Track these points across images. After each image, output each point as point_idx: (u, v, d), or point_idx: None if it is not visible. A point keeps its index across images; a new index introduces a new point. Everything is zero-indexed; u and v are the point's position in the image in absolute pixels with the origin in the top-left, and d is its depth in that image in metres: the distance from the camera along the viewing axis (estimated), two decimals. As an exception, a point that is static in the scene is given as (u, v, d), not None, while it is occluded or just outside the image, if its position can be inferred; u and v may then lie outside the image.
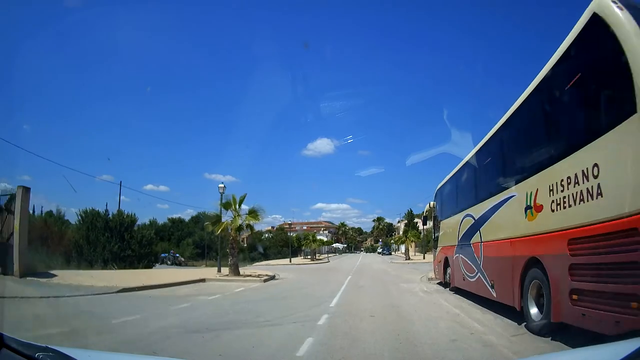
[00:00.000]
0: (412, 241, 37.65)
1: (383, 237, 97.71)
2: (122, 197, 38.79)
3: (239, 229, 17.71)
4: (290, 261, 36.32)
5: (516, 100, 6.34)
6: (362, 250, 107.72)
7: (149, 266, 24.02)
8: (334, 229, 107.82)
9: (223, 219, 17.71)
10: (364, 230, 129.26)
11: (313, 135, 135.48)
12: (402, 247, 63.44)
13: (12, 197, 12.93)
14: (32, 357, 1.39)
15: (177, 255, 40.37)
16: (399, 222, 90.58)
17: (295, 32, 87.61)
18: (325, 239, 70.66)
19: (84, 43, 63.45)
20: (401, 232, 69.93)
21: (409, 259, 34.67)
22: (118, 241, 22.47)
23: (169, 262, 36.26)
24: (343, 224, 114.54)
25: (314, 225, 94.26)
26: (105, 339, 5.16)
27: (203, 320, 6.78)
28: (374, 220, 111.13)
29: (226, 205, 17.76)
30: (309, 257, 44.10)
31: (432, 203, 14.60)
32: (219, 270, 18.91)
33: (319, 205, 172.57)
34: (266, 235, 66.06)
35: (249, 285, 14.66)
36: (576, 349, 3.02)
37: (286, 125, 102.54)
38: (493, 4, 74.03)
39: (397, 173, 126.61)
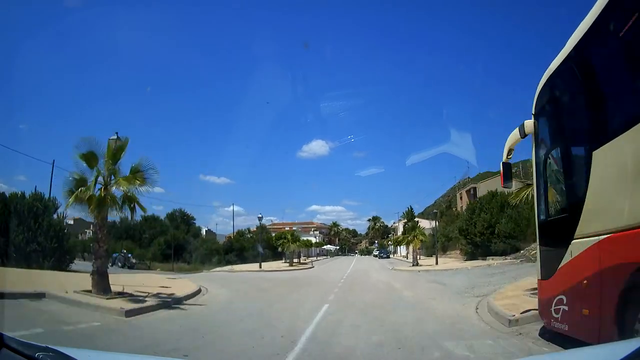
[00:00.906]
0: (419, 241, 28.58)
1: (379, 239, 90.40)
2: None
3: (109, 201, 9.00)
4: (260, 266, 27.59)
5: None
6: (356, 253, 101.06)
7: (59, 266, 17.97)
8: (325, 230, 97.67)
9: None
10: (358, 232, 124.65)
11: (312, 135, 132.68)
12: (402, 249, 53.81)
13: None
14: (32, 357, 1.38)
15: (130, 255, 34.11)
16: (394, 223, 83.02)
17: (295, 32, 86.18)
18: (315, 240, 62.40)
19: (84, 43, 62.38)
20: (399, 233, 62.09)
21: (417, 264, 26.00)
22: (24, 231, 17.09)
23: (119, 264, 31.09)
24: (335, 224, 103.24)
25: (305, 226, 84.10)
26: None
27: None
28: (369, 220, 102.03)
29: (89, 159, 9.08)
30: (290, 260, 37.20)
31: (529, 125, 5.53)
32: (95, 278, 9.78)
33: (314, 207, 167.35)
34: (248, 235, 57.61)
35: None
36: (576, 349, 2.47)
37: (286, 126, 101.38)
38: (493, 4, 72.71)
39: (397, 173, 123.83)
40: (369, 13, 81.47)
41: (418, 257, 28.50)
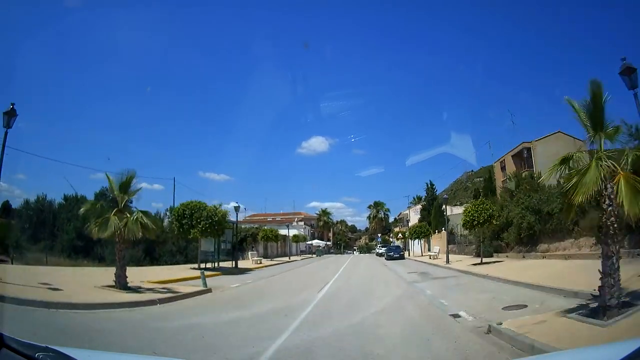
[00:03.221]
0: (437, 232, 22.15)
1: (381, 232, 78.01)
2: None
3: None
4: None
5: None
6: (354, 250, 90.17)
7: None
8: (314, 222, 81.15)
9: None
10: (357, 228, 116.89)
11: (312, 134, 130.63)
12: (415, 245, 41.40)
13: None
14: (32, 357, 1.39)
15: None
16: (399, 216, 72.51)
17: (295, 32, 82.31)
18: (297, 233, 51.73)
19: (84, 43, 60.36)
20: (409, 223, 51.18)
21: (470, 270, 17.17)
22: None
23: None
24: (325, 212, 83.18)
25: (290, 217, 68.38)
26: None
27: None
28: (369, 207, 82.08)
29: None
30: (264, 258, 27.33)
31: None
32: None
33: (313, 203, 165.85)
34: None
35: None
36: (576, 349, 2.76)
37: (286, 126, 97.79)
38: (493, 4, 68.59)
39: (397, 173, 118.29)
40: (369, 13, 79.05)
41: (432, 250, 21.23)
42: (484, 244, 22.10)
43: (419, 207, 52.87)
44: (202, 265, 19.20)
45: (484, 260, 19.29)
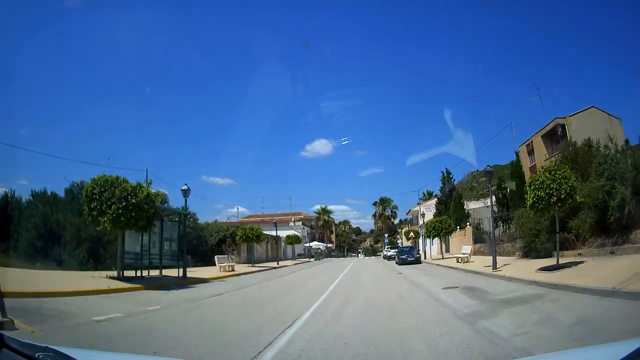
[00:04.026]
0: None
1: (388, 232, 70.05)
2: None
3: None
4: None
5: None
6: (359, 253, 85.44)
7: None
8: (314, 222, 73.40)
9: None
10: (362, 231, 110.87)
11: (313, 136, 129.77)
12: (429, 244, 35.37)
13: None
14: (32, 357, 1.37)
15: None
16: (407, 214, 63.72)
17: (295, 32, 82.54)
18: (294, 234, 46.10)
19: (84, 43, 59.39)
20: (421, 221, 39.67)
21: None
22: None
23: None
24: (325, 210, 74.06)
25: (285, 217, 62.31)
26: None
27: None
28: (374, 204, 73.96)
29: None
30: (243, 263, 23.21)
31: None
32: None
33: (317, 207, 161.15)
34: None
35: None
36: (576, 349, 2.51)
37: (286, 126, 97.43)
38: (493, 4, 66.85)
39: (397, 173, 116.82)
40: (369, 13, 78.82)
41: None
42: (541, 238, 15.16)
43: (432, 202, 45.72)
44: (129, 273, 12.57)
45: (547, 262, 12.78)
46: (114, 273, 13.28)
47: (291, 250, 48.85)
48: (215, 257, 22.39)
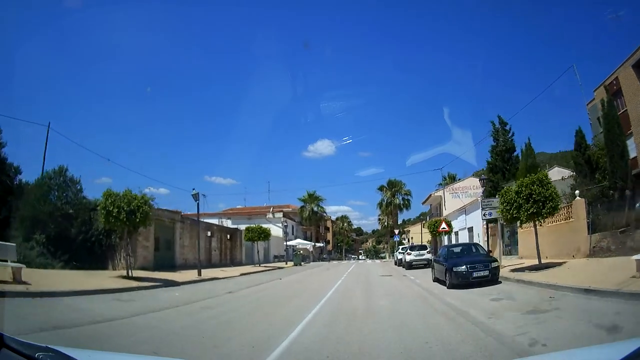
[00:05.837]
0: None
1: (395, 226, 52.67)
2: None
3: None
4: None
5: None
6: (360, 254, 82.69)
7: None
8: (299, 217, 54.46)
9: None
10: (364, 231, 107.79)
11: (313, 136, 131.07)
12: (499, 237, 18.02)
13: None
14: (32, 357, 1.36)
15: None
16: (426, 200, 45.34)
17: (295, 32, 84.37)
18: (274, 228, 37.29)
19: (84, 43, 60.88)
20: (445, 211, 34.99)
21: None
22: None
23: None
24: (313, 197, 53.68)
25: (261, 211, 47.94)
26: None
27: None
28: (380, 188, 53.75)
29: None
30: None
31: None
32: None
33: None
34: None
35: None
36: (576, 349, 2.48)
37: (286, 126, 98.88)
38: (493, 4, 68.49)
39: (397, 173, 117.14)
40: (369, 13, 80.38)
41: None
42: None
43: (468, 180, 35.94)
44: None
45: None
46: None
47: (263, 250, 34.29)
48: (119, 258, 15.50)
